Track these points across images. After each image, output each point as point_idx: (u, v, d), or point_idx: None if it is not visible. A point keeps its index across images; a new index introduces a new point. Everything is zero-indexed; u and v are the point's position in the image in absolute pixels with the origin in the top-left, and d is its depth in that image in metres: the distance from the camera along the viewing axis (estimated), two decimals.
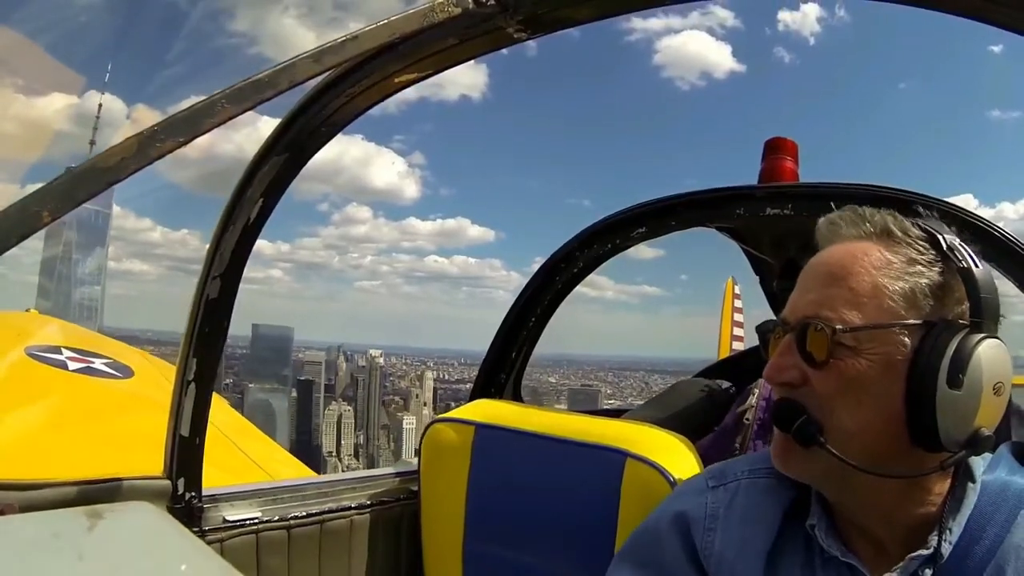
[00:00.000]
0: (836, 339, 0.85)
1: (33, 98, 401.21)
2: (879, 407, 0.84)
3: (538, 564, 1.57)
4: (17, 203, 0.79)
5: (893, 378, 0.84)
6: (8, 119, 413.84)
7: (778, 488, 0.98)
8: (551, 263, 2.06)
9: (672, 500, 1.09)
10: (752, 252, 2.13)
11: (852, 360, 0.84)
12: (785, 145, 1.85)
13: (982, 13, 0.91)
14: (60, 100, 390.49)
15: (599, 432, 1.54)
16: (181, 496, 1.47)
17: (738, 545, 0.96)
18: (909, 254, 0.87)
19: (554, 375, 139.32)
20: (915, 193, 1.51)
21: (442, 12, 1.01)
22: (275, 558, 1.60)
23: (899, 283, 0.85)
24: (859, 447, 0.84)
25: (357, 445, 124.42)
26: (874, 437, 0.85)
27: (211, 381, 1.47)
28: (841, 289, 0.87)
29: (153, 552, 0.92)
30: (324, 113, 1.27)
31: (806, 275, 0.93)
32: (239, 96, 0.91)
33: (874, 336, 0.84)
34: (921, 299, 0.85)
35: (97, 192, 0.83)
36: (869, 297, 0.86)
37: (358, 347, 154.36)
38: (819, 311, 0.87)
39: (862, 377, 0.84)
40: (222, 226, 1.37)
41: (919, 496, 0.87)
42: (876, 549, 0.90)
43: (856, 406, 0.85)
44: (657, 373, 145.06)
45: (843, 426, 0.85)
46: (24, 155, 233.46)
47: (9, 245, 0.77)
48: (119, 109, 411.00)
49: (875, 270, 0.86)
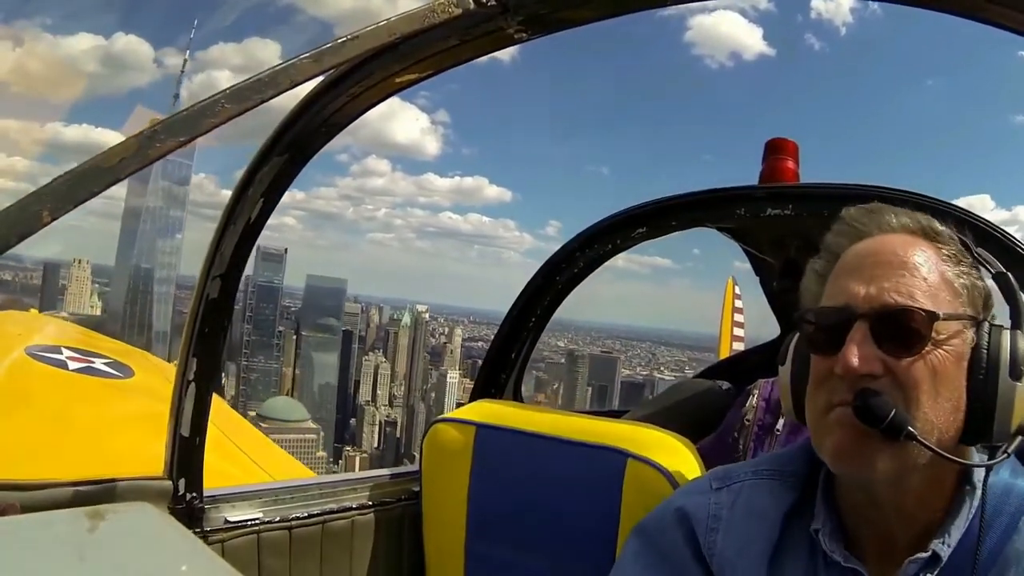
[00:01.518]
0: (930, 327, 0.84)
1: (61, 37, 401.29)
2: (953, 399, 0.85)
3: (540, 564, 1.57)
4: (17, 203, 0.79)
5: (961, 370, 0.85)
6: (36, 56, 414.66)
7: (781, 490, 0.98)
8: (551, 264, 2.06)
9: (676, 498, 1.08)
10: (752, 252, 2.13)
11: (936, 350, 0.84)
12: (786, 146, 1.86)
13: (982, 13, 0.91)
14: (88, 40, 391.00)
15: (600, 432, 1.54)
16: (182, 497, 1.47)
17: (740, 545, 0.96)
18: (955, 254, 0.89)
19: (562, 339, 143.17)
20: (921, 195, 1.51)
21: (443, 12, 1.01)
22: (276, 559, 1.60)
23: (960, 279, 0.88)
24: (937, 440, 0.83)
25: (392, 396, 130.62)
26: (946, 428, 0.84)
27: (211, 381, 1.47)
28: (916, 279, 0.86)
29: (154, 553, 0.92)
30: (324, 113, 1.27)
31: (862, 262, 0.90)
32: (240, 95, 0.91)
33: (952, 328, 0.85)
34: (977, 296, 0.88)
35: (98, 192, 0.83)
36: (942, 289, 0.86)
37: (395, 301, 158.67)
38: (901, 300, 0.85)
39: (943, 368, 0.84)
40: (222, 226, 1.37)
41: (937, 494, 0.87)
42: (882, 553, 0.89)
43: (936, 398, 0.84)
44: (664, 345, 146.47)
45: (928, 418, 0.83)
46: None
47: (9, 245, 0.77)
48: (146, 52, 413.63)
49: (939, 263, 0.88)
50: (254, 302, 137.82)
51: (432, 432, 1.75)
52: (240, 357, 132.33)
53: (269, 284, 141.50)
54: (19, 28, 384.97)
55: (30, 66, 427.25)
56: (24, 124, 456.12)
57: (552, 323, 2.17)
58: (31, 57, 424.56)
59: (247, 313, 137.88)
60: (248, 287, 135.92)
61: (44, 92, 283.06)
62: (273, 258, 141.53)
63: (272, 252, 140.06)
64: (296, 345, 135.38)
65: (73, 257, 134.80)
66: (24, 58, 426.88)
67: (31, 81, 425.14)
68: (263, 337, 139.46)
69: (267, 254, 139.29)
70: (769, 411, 1.86)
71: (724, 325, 9.51)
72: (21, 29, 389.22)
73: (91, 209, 1.15)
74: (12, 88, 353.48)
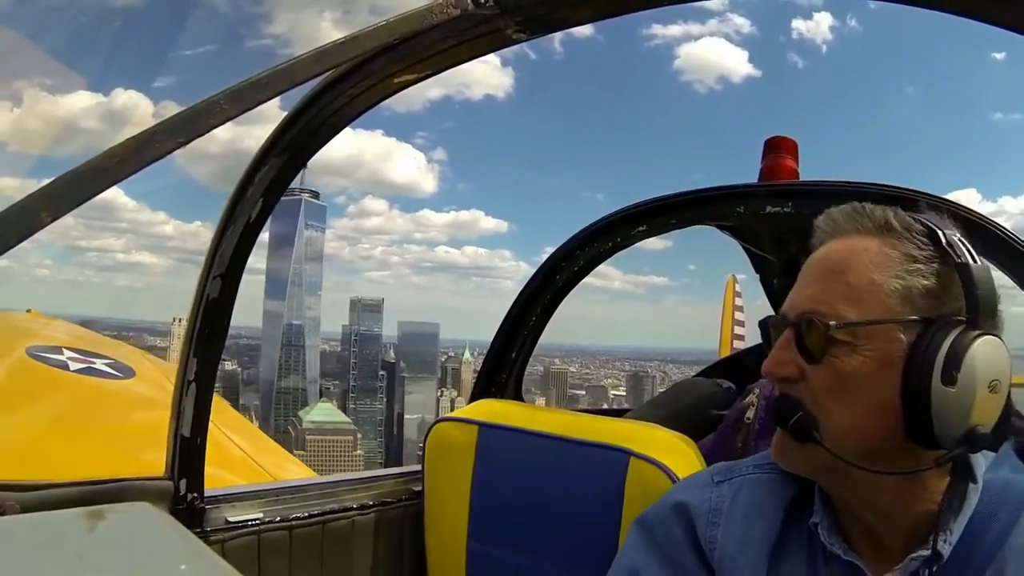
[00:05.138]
0: (831, 334, 0.85)
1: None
2: (874, 403, 0.84)
3: (542, 564, 1.57)
4: (17, 203, 0.79)
5: (889, 375, 0.83)
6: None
7: (782, 484, 0.98)
8: (551, 262, 2.06)
9: (676, 491, 1.09)
10: (753, 250, 2.13)
11: (848, 356, 0.85)
12: (785, 143, 1.85)
13: (982, 13, 0.91)
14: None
15: (602, 431, 1.54)
16: (183, 497, 1.47)
17: (740, 539, 0.96)
18: (908, 250, 0.87)
19: (573, 365, 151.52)
20: (914, 190, 1.51)
21: (441, 13, 1.01)
22: (277, 559, 1.60)
23: (896, 280, 0.85)
24: (854, 443, 0.85)
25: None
26: (869, 433, 0.85)
27: (212, 381, 1.47)
28: (838, 284, 0.87)
29: (154, 553, 0.92)
30: (324, 113, 1.27)
31: (805, 271, 0.94)
32: (238, 97, 0.91)
33: (870, 332, 0.84)
34: (917, 296, 0.85)
35: (97, 192, 0.83)
36: (866, 293, 0.85)
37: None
38: (816, 306, 0.87)
39: (857, 373, 0.84)
40: (222, 226, 1.37)
41: (919, 493, 0.87)
42: (878, 547, 0.90)
43: (851, 402, 0.85)
44: (671, 363, 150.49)
45: (838, 422, 0.85)
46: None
47: (10, 245, 0.78)
48: (145, 106, 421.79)
49: (873, 266, 0.86)
50: (358, 349, 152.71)
51: (434, 432, 1.75)
52: (348, 401, 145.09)
53: (369, 332, 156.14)
54: (17, 88, 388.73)
55: (29, 125, 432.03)
56: (21, 182, 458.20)
57: (551, 348, 2.17)
58: (30, 116, 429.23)
59: (352, 360, 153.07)
60: (352, 336, 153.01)
61: (44, 149, 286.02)
62: (372, 308, 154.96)
63: (370, 302, 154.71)
64: (392, 386, 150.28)
65: (173, 316, 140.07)
66: (23, 117, 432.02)
67: (30, 139, 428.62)
68: (367, 381, 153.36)
69: (366, 304, 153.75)
70: (768, 408, 1.86)
71: (725, 324, 9.50)
72: (19, 89, 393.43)
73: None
74: (10, 147, 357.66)
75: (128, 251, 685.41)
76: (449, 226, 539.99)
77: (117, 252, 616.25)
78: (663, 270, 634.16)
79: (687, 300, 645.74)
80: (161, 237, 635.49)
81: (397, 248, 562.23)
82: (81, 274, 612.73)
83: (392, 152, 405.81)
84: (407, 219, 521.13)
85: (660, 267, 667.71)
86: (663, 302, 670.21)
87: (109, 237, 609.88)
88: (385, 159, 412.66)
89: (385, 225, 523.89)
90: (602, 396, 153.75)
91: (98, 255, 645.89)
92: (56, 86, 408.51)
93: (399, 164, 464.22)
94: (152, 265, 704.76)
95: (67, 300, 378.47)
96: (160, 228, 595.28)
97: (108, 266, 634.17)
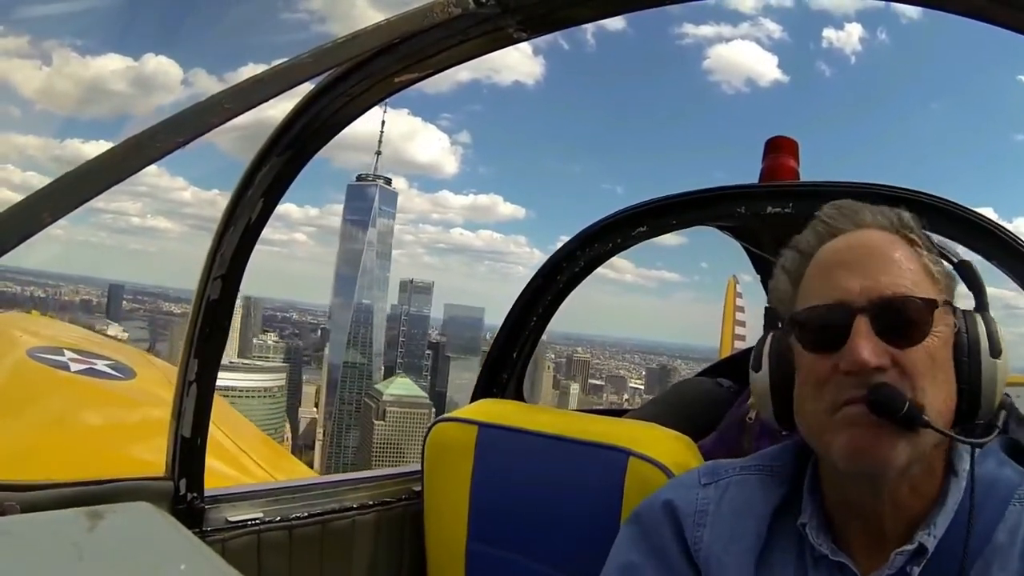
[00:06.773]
0: (934, 315, 0.86)
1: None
2: (949, 382, 0.87)
3: (541, 563, 1.57)
4: (18, 204, 0.79)
5: (949, 354, 0.87)
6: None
7: (770, 485, 0.98)
8: (552, 263, 2.06)
9: (666, 490, 1.08)
10: (753, 250, 2.13)
11: (931, 338, 0.86)
12: (786, 143, 1.85)
13: (983, 13, 0.91)
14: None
15: (602, 431, 1.54)
16: (183, 497, 1.47)
17: (727, 540, 0.96)
18: (927, 243, 0.92)
19: (587, 353, 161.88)
20: (915, 190, 1.51)
21: (442, 12, 1.01)
22: (277, 559, 1.60)
23: (936, 266, 0.90)
24: (947, 423, 0.86)
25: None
26: (946, 413, 0.87)
27: (212, 382, 1.47)
28: (904, 269, 0.88)
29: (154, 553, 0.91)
30: (324, 113, 1.27)
31: (845, 257, 0.90)
32: (240, 95, 0.91)
33: (940, 314, 0.87)
34: (949, 283, 0.92)
35: (98, 192, 0.83)
36: (924, 278, 0.89)
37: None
38: (908, 290, 0.86)
39: (939, 353, 0.87)
40: (223, 227, 1.37)
41: (930, 484, 0.88)
42: (869, 545, 0.89)
43: (942, 382, 0.87)
44: (680, 359, 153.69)
45: (933, 404, 0.84)
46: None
47: (10, 246, 0.77)
48: (176, 73, 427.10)
49: (915, 254, 0.90)
50: (407, 328, 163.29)
51: (434, 431, 1.75)
52: (395, 377, 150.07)
53: (419, 313, 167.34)
54: (48, 48, 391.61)
55: (58, 86, 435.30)
56: (43, 140, 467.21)
57: (560, 336, 2.17)
58: (59, 77, 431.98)
59: (400, 339, 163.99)
60: (401, 315, 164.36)
61: (70, 111, 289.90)
62: (422, 290, 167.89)
63: (421, 284, 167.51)
64: (436, 364, 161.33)
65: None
66: (53, 77, 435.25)
67: (57, 100, 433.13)
68: (413, 360, 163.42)
69: (417, 287, 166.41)
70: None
71: (725, 324, 9.49)
72: (50, 49, 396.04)
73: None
74: (37, 106, 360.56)
75: (143, 215, 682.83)
76: (467, 209, 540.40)
77: (132, 216, 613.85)
78: (676, 266, 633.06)
79: (698, 298, 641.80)
80: (178, 203, 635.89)
81: (412, 228, 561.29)
82: (95, 235, 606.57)
83: (417, 132, 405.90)
84: (426, 199, 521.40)
85: (673, 262, 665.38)
86: (671, 297, 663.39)
87: (126, 200, 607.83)
88: (409, 138, 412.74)
89: (403, 204, 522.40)
90: (622, 386, 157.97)
91: (113, 217, 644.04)
92: (87, 47, 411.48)
93: (422, 144, 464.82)
94: (167, 230, 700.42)
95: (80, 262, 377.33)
96: (178, 194, 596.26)
97: (123, 228, 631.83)
